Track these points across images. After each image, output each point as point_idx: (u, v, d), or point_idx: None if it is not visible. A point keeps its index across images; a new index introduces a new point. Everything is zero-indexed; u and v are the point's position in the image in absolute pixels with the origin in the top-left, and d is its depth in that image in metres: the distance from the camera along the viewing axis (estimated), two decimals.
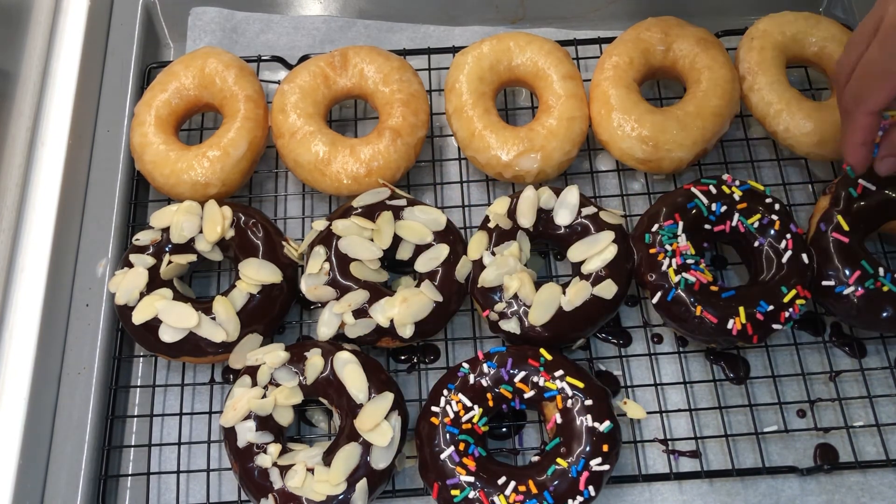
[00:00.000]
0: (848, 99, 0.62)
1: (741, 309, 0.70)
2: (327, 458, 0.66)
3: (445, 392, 0.69)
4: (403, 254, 0.75)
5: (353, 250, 0.73)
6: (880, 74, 0.58)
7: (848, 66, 0.62)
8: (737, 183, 0.75)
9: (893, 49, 0.56)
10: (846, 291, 0.71)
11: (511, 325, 0.71)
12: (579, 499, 0.64)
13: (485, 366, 0.69)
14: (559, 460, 0.66)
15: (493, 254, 0.73)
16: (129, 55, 0.90)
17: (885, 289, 0.70)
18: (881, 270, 0.71)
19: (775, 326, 0.70)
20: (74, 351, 0.76)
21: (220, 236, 0.75)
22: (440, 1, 0.95)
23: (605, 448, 0.66)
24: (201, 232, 0.75)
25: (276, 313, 0.74)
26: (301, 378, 0.69)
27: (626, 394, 0.75)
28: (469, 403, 0.68)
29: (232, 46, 0.93)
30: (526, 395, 0.69)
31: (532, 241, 0.76)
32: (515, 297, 0.72)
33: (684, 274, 0.71)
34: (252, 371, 0.70)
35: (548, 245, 0.81)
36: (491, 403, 0.69)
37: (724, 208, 0.74)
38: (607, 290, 0.71)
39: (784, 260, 0.72)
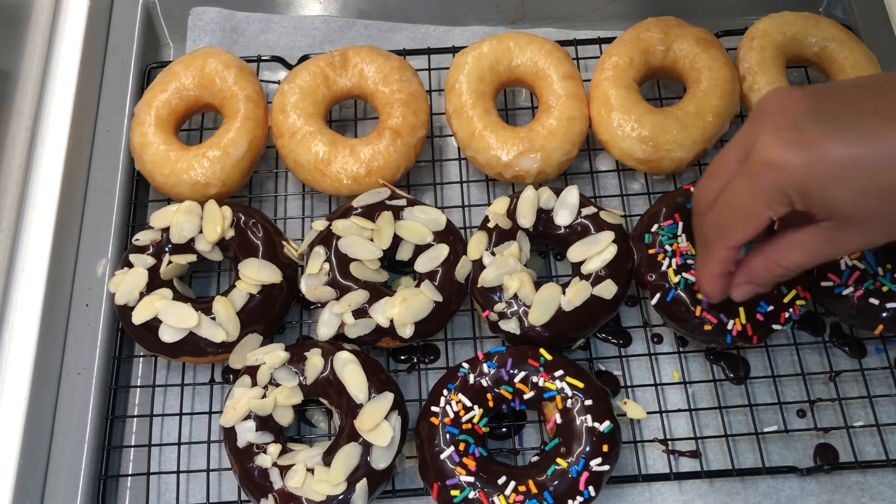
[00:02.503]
0: (708, 230, 0.59)
1: (741, 309, 0.70)
2: (327, 458, 0.66)
3: (445, 392, 0.69)
4: (403, 254, 0.75)
5: (353, 250, 0.73)
6: (745, 211, 0.55)
7: (710, 194, 0.58)
8: None
9: (762, 187, 0.53)
10: (846, 291, 0.71)
11: (511, 326, 0.71)
12: (579, 499, 0.64)
13: (485, 366, 0.69)
14: (559, 460, 0.66)
15: (493, 254, 0.73)
16: (129, 55, 0.90)
17: (885, 289, 0.70)
18: (881, 270, 0.71)
19: (775, 327, 0.70)
20: (74, 351, 0.76)
21: (220, 236, 0.75)
22: (440, 1, 0.95)
23: (605, 448, 0.66)
24: (201, 232, 0.75)
25: (276, 313, 0.74)
26: (301, 378, 0.69)
27: (626, 394, 0.75)
28: (469, 403, 0.68)
29: (232, 46, 0.93)
30: (526, 396, 0.69)
31: (532, 241, 0.76)
32: (515, 297, 0.72)
33: (684, 274, 0.71)
34: (252, 371, 0.70)
35: (548, 245, 0.81)
36: (491, 404, 0.69)
37: None
38: (607, 290, 0.71)
39: None
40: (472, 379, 0.69)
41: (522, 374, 0.68)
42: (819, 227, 0.54)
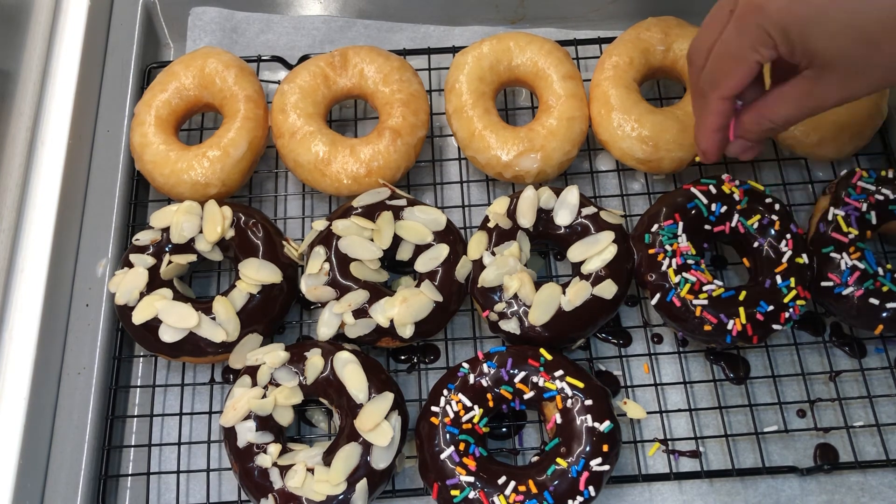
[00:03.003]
0: (704, 83, 0.61)
1: (741, 309, 0.70)
2: (327, 458, 0.66)
3: (445, 392, 0.69)
4: (403, 254, 0.75)
5: (353, 250, 0.73)
6: (735, 58, 0.57)
7: (703, 47, 0.60)
8: (736, 183, 0.75)
9: (748, 30, 0.55)
10: (846, 291, 0.71)
11: (511, 326, 0.71)
12: (579, 499, 0.64)
13: (485, 366, 0.69)
14: (559, 460, 0.66)
15: (493, 254, 0.73)
16: (129, 55, 0.90)
17: (885, 289, 0.70)
18: (881, 270, 0.71)
19: (775, 327, 0.70)
20: (74, 351, 0.76)
21: (220, 236, 0.75)
22: (440, 1, 0.95)
23: (605, 448, 0.66)
24: (201, 232, 0.75)
25: (276, 313, 0.74)
26: (301, 378, 0.69)
27: (626, 394, 0.75)
28: (469, 403, 0.68)
29: (232, 46, 0.93)
30: (526, 396, 0.69)
31: (532, 241, 0.76)
32: (515, 297, 0.72)
33: (684, 274, 0.71)
34: (252, 371, 0.70)
35: (548, 245, 0.81)
36: (491, 404, 0.69)
37: (724, 208, 0.74)
38: (607, 290, 0.71)
39: (784, 260, 0.72)
40: (472, 379, 0.69)
41: (522, 374, 0.68)
42: (802, 78, 0.56)
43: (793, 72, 0.57)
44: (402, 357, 0.78)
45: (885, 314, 0.70)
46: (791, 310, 0.70)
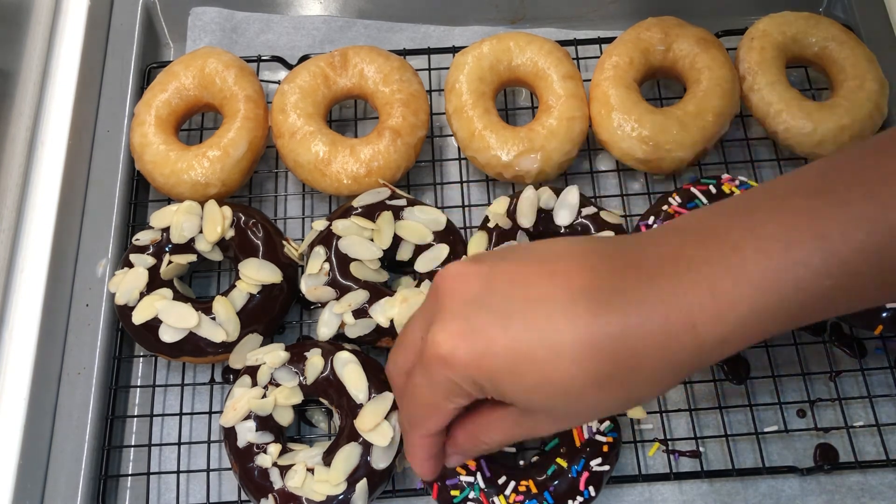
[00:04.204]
0: (403, 419, 0.56)
1: None
2: (327, 458, 0.66)
3: None
4: (403, 254, 0.75)
5: (353, 250, 0.73)
6: (428, 405, 0.51)
7: (402, 369, 0.54)
8: (736, 183, 0.75)
9: (437, 382, 0.49)
10: None
11: None
12: (579, 499, 0.64)
13: None
14: (559, 460, 0.66)
15: None
16: (129, 55, 0.90)
17: None
18: None
19: None
20: (74, 351, 0.76)
21: (220, 236, 0.75)
22: (440, 1, 0.95)
23: (605, 448, 0.66)
24: (201, 232, 0.75)
25: (276, 313, 0.74)
26: (301, 378, 0.69)
27: None
28: None
29: (232, 46, 0.93)
30: None
31: (532, 241, 0.76)
32: None
33: None
34: (252, 371, 0.70)
35: None
36: None
37: None
38: None
39: None
40: None
41: None
42: (509, 410, 0.51)
43: None
44: None
45: (885, 314, 0.70)
46: None
